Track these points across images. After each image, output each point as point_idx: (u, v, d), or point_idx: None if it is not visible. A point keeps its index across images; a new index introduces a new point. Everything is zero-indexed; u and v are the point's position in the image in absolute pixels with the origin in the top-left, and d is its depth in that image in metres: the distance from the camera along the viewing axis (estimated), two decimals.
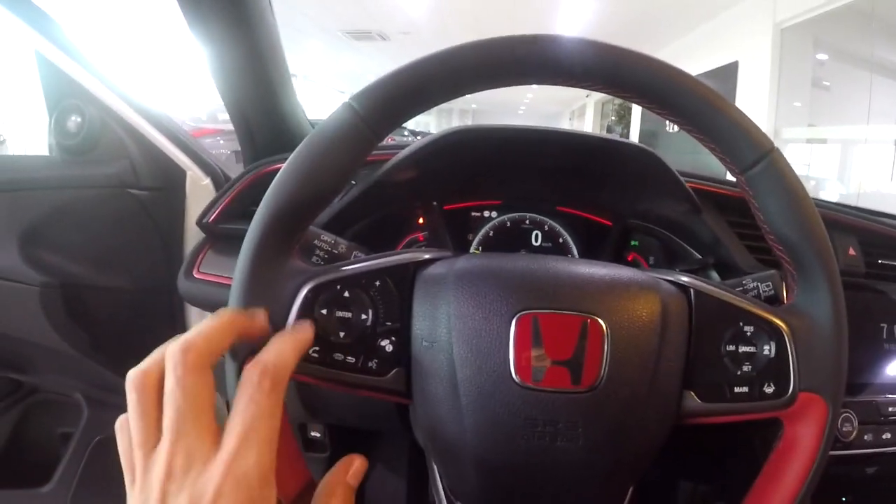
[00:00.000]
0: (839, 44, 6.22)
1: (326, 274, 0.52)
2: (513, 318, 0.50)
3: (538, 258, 0.58)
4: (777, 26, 6.46)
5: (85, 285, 1.19)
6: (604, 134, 0.89)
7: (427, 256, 0.57)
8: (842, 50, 6.28)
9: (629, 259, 1.01)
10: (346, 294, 0.53)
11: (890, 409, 0.92)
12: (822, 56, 6.56)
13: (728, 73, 7.44)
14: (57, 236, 1.17)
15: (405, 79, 0.49)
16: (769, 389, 0.53)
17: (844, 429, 0.88)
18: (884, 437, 0.91)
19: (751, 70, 6.97)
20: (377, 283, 0.54)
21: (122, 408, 0.41)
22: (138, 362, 0.40)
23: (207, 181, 1.17)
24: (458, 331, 0.51)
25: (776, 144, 0.50)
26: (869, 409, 0.91)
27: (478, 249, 1.02)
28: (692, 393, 0.53)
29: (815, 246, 0.52)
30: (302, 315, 0.51)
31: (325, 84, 22.30)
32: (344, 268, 0.53)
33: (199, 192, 1.16)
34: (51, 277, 1.16)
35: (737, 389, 0.53)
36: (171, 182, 1.16)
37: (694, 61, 8.84)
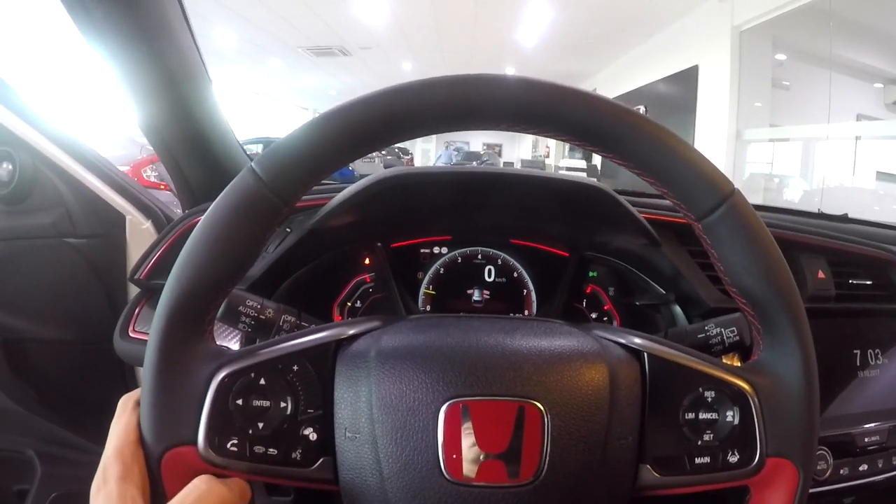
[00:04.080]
0: (798, 44, 6.32)
1: (241, 360, 0.47)
2: (440, 407, 0.45)
3: (471, 328, 0.52)
4: (735, 29, 6.53)
5: (28, 340, 1.13)
6: (550, 173, 0.83)
7: (351, 332, 0.52)
8: (801, 50, 6.37)
9: (588, 291, 0.96)
10: (263, 381, 0.47)
11: (866, 439, 0.88)
12: (781, 56, 6.64)
13: (688, 77, 7.51)
14: None
15: (312, 138, 0.43)
16: (733, 458, 0.48)
17: (818, 467, 0.83)
18: (860, 468, 0.87)
19: (711, 73, 7.04)
20: (295, 367, 0.48)
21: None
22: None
23: (148, 224, 1.10)
24: (381, 422, 0.46)
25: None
26: (844, 442, 0.86)
27: (429, 288, 0.96)
28: (648, 467, 0.49)
29: (781, 299, 0.47)
30: (216, 406, 0.45)
31: (286, 101, 22.20)
32: (260, 351, 0.48)
33: (140, 237, 1.09)
34: None
35: (698, 460, 0.48)
36: (109, 228, 1.09)
37: (654, 67, 8.93)
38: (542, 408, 0.45)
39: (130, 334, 0.88)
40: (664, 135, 0.45)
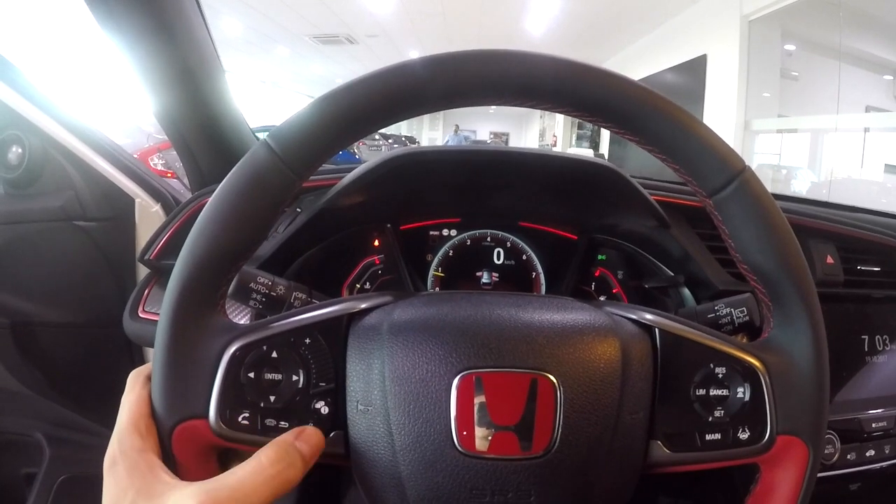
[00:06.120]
0: (807, 34, 6.28)
1: (253, 333, 0.46)
2: (453, 379, 0.45)
3: (484, 302, 0.52)
4: (745, 18, 6.49)
5: (37, 323, 1.14)
6: (560, 151, 0.83)
7: (363, 305, 0.51)
8: (810, 40, 6.34)
9: (596, 274, 0.96)
10: (275, 354, 0.47)
11: (874, 424, 0.88)
12: (790, 46, 6.60)
13: (697, 66, 7.47)
14: (4, 274, 1.11)
15: (327, 112, 0.43)
16: (744, 435, 0.48)
17: (826, 451, 0.83)
18: (867, 454, 0.87)
19: (719, 63, 7.00)
20: (307, 341, 0.48)
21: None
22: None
23: (157, 207, 1.11)
24: (393, 394, 0.46)
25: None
26: (851, 427, 0.87)
27: (437, 270, 0.97)
28: (659, 443, 0.48)
29: (792, 276, 0.47)
30: (227, 380, 0.45)
31: (292, 90, 22.19)
32: (272, 324, 0.48)
33: (149, 220, 1.10)
34: (1, 317, 1.11)
35: (708, 437, 0.48)
36: (118, 211, 1.10)
37: (662, 56, 8.89)
38: (554, 380, 0.45)
39: (140, 315, 0.88)
40: (677, 111, 0.44)
